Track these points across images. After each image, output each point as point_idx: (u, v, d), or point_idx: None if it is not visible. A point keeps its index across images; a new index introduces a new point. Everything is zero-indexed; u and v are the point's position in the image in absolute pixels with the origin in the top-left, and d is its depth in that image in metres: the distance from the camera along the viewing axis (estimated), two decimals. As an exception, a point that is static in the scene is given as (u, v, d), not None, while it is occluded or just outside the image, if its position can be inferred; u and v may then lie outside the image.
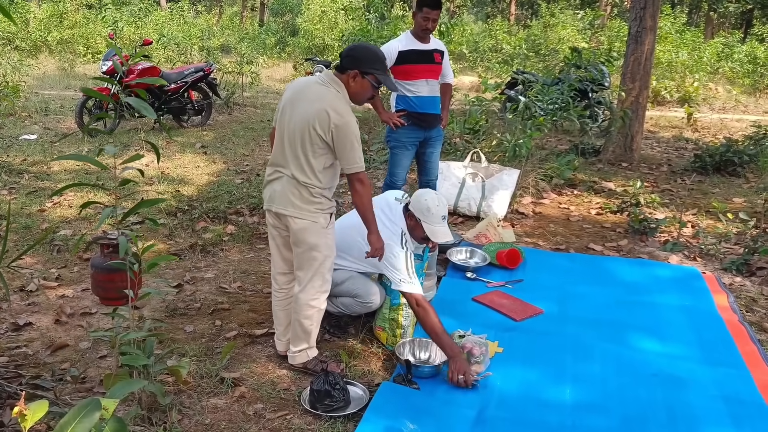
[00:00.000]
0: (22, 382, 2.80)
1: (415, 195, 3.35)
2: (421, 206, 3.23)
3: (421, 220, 3.22)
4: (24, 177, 6.24)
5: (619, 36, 16.48)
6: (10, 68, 10.68)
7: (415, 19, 4.33)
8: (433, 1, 4.21)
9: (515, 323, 3.64)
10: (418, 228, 3.25)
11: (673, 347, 3.43)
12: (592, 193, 6.47)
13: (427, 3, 4.21)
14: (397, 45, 4.34)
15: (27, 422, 1.48)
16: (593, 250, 4.92)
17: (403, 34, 4.47)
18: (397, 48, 4.31)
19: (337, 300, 3.36)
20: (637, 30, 7.48)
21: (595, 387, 3.03)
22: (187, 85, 8.87)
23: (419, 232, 3.26)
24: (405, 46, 4.33)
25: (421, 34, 4.36)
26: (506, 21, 24.60)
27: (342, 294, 3.33)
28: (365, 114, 10.11)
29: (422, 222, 3.22)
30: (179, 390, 2.87)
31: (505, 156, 6.10)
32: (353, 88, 2.86)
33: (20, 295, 3.81)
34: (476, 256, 4.49)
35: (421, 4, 4.22)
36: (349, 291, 3.30)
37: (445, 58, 4.56)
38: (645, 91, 7.70)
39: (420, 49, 4.37)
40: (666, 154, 8.53)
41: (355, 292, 3.29)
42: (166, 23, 18.94)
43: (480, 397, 2.93)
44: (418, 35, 4.37)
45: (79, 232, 4.83)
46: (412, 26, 4.44)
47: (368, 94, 2.93)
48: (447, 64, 4.62)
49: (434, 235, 3.23)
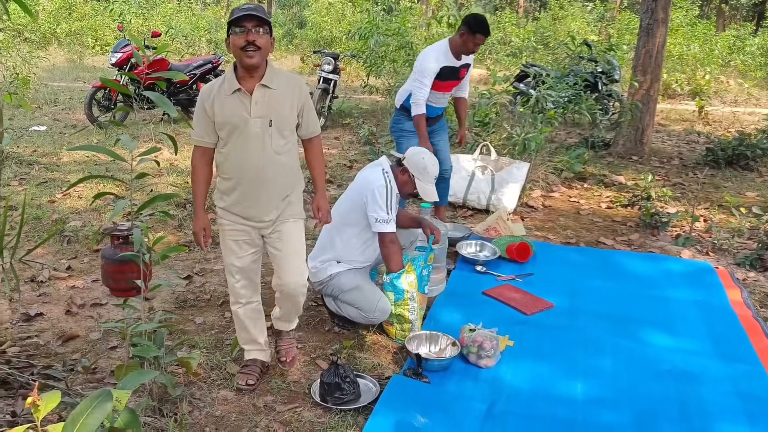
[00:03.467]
0: (34, 372, 2.81)
1: (410, 151, 3.43)
2: (419, 164, 3.34)
3: (416, 177, 3.33)
4: (34, 168, 6.25)
5: (629, 28, 16.34)
6: (20, 60, 10.69)
7: (463, 39, 4.24)
8: (488, 29, 4.21)
9: (526, 317, 3.62)
10: (409, 184, 3.36)
11: (685, 342, 3.40)
12: (602, 186, 6.43)
13: (482, 30, 4.19)
14: (436, 65, 4.29)
15: (40, 413, 1.48)
16: (604, 244, 4.89)
17: (442, 47, 4.34)
18: (437, 70, 4.29)
19: (342, 304, 3.35)
20: (648, 22, 7.41)
21: (606, 382, 3.01)
22: (196, 77, 8.86)
23: (409, 188, 3.37)
24: (443, 62, 4.31)
25: (462, 54, 4.36)
26: (515, 13, 24.46)
27: (347, 301, 3.31)
28: (373, 106, 10.09)
29: (416, 179, 3.34)
30: (189, 381, 2.87)
31: (515, 150, 6.07)
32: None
33: (31, 286, 3.81)
34: (486, 249, 4.47)
35: (475, 29, 4.17)
36: (354, 301, 3.28)
37: (468, 72, 4.58)
38: (656, 84, 7.63)
39: (453, 66, 4.38)
40: (677, 147, 8.47)
41: (359, 304, 3.27)
42: (174, 15, 18.93)
43: (491, 391, 2.91)
44: (457, 53, 4.34)
45: (90, 223, 4.83)
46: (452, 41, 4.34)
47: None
48: (467, 78, 4.64)
49: (425, 194, 3.36)
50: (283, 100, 2.64)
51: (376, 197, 3.21)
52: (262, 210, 2.72)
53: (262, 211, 2.72)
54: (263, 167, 2.64)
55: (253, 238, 2.78)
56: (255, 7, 2.50)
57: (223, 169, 2.71)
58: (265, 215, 2.73)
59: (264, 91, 2.60)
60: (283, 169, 2.71)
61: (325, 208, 2.87)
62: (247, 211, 2.72)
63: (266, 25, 2.52)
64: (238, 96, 2.59)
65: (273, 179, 2.68)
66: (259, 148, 2.62)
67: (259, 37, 2.49)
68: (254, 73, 2.57)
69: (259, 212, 2.72)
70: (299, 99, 2.70)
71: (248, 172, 2.65)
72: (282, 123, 2.64)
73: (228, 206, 2.74)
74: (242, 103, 2.59)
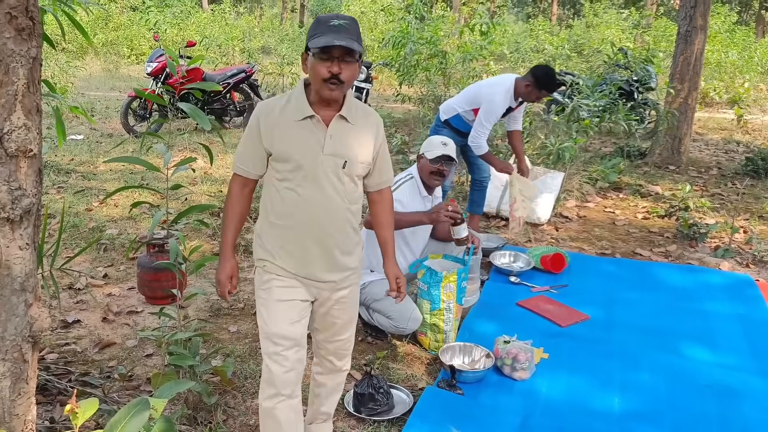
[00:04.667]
0: (72, 379, 2.85)
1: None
2: (425, 144, 3.53)
3: (425, 153, 3.45)
4: (71, 176, 6.37)
5: (665, 35, 16.10)
6: (58, 69, 10.95)
7: (527, 90, 4.29)
8: (555, 87, 4.28)
9: (560, 329, 3.56)
10: (425, 164, 3.44)
11: (726, 357, 3.31)
12: (638, 196, 6.32)
13: (549, 89, 4.27)
14: (503, 110, 4.38)
15: (78, 420, 1.50)
16: (640, 255, 4.80)
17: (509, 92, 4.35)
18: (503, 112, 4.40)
19: (374, 313, 3.34)
20: (686, 29, 7.29)
21: (644, 396, 2.95)
22: (230, 86, 8.96)
23: (427, 167, 3.44)
24: (507, 105, 4.38)
25: (523, 99, 4.43)
26: (548, 21, 24.31)
27: (378, 310, 3.30)
28: (405, 115, 10.09)
29: (425, 153, 3.44)
30: (224, 390, 2.88)
31: (549, 159, 6.00)
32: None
33: (69, 293, 3.88)
34: (520, 260, 4.42)
35: (542, 86, 4.24)
36: (385, 311, 3.27)
37: (522, 106, 4.61)
38: (694, 92, 7.49)
39: (511, 106, 4.45)
40: (715, 157, 8.29)
41: (391, 314, 3.25)
42: (208, 25, 19.22)
43: (525, 403, 2.87)
44: (518, 96, 4.38)
45: (126, 231, 4.91)
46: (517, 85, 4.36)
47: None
48: (521, 111, 4.68)
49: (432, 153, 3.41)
50: (361, 138, 2.14)
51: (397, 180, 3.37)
52: (325, 268, 2.17)
53: (324, 270, 2.18)
54: (332, 216, 2.12)
55: (307, 298, 2.22)
56: (347, 26, 1.98)
57: (275, 211, 2.14)
58: (328, 275, 2.19)
59: (342, 125, 2.10)
60: (352, 221, 2.19)
61: (402, 279, 2.38)
62: (303, 268, 2.16)
63: (357, 53, 2.01)
64: (310, 124, 2.07)
65: (341, 232, 2.16)
66: (328, 192, 2.09)
67: (347, 69, 1.99)
68: (329, 101, 2.08)
69: (320, 271, 2.17)
70: (377, 140, 2.19)
71: (313, 220, 2.11)
72: (356, 167, 2.13)
73: (277, 259, 2.16)
74: (314, 134, 2.07)
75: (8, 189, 1.72)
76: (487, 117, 4.32)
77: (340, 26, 1.96)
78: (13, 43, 1.67)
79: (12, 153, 1.71)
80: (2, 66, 1.66)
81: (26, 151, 1.74)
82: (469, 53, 8.68)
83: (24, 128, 1.72)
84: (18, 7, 1.66)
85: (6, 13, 1.64)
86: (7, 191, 1.72)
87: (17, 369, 1.82)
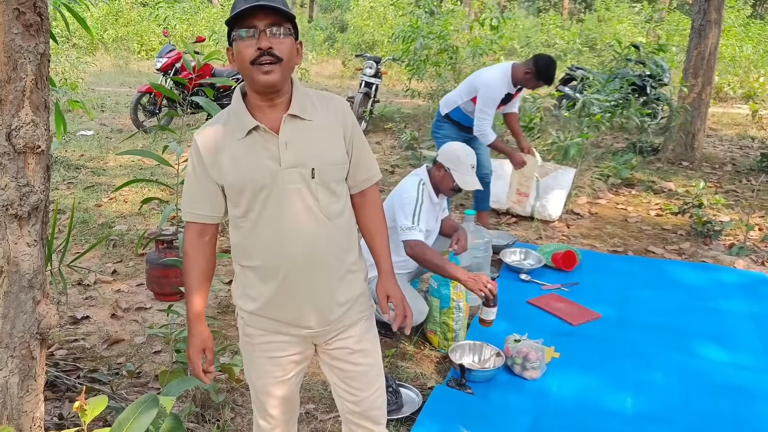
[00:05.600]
0: (80, 375, 2.85)
1: (442, 147, 3.40)
2: (451, 156, 3.27)
3: (451, 170, 3.25)
4: (81, 172, 6.39)
5: (678, 29, 15.95)
6: (69, 65, 10.99)
7: (526, 78, 4.28)
8: (553, 79, 4.29)
9: (572, 328, 3.53)
10: (447, 179, 3.27)
11: (740, 357, 3.26)
12: (651, 193, 6.25)
13: (547, 81, 4.27)
14: (500, 96, 4.35)
15: (87, 417, 1.49)
16: (653, 252, 4.75)
17: (506, 77, 4.33)
18: (500, 99, 4.37)
19: (379, 307, 3.30)
20: (700, 23, 7.20)
21: (657, 396, 2.91)
22: (239, 81, 8.95)
23: (448, 183, 3.28)
24: (505, 91, 4.36)
25: (522, 86, 4.42)
26: (559, 15, 24.15)
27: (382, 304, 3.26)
28: (415, 110, 10.04)
29: (452, 171, 3.25)
30: (232, 387, 2.87)
31: (559, 155, 5.95)
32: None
33: (78, 289, 3.88)
34: (530, 257, 4.39)
35: (540, 77, 4.24)
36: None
37: (520, 95, 4.62)
38: (708, 87, 7.40)
39: (510, 93, 4.42)
40: (730, 152, 8.20)
41: None
42: (217, 20, 19.21)
43: (536, 403, 2.84)
44: (516, 83, 4.37)
45: (135, 227, 4.91)
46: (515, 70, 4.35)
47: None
48: (519, 97, 4.68)
49: (464, 184, 3.26)
50: (324, 134, 1.73)
51: (405, 206, 3.16)
52: (316, 308, 1.77)
53: (315, 311, 1.77)
54: (312, 241, 1.71)
55: (302, 351, 1.85)
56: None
57: (244, 253, 1.76)
58: (322, 315, 1.78)
59: (295, 126, 1.69)
60: (341, 241, 1.77)
61: (398, 296, 1.92)
62: (289, 313, 1.77)
63: (288, 22, 1.63)
64: (256, 138, 1.68)
65: (328, 257, 1.75)
66: (301, 214, 1.69)
67: (279, 42, 1.60)
68: (274, 98, 1.68)
69: (312, 312, 1.77)
70: (346, 129, 1.77)
71: (289, 253, 1.70)
72: (328, 171, 1.71)
73: (258, 308, 1.78)
74: (265, 147, 1.67)
75: (16, 185, 1.71)
76: (486, 102, 4.29)
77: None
78: (21, 39, 1.66)
79: (20, 149, 1.70)
80: (10, 62, 1.65)
81: (34, 147, 1.72)
82: (479, 48, 8.64)
83: (32, 124, 1.71)
84: (26, 3, 1.65)
85: (14, 9, 1.63)
86: (15, 188, 1.71)
87: (25, 366, 1.82)
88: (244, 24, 1.59)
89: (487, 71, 4.49)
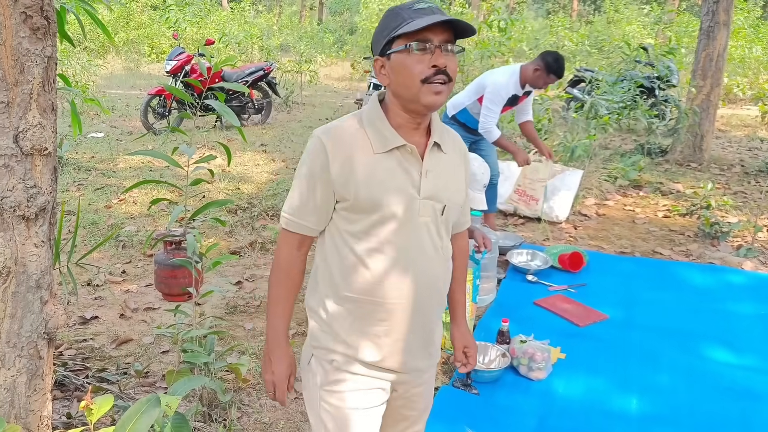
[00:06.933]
0: (89, 375, 2.87)
1: None
2: None
3: None
4: (91, 174, 6.44)
5: (687, 31, 15.88)
6: (80, 68, 11.08)
7: (536, 75, 4.30)
8: (563, 72, 4.29)
9: (578, 329, 3.52)
10: None
11: (748, 359, 3.25)
12: (658, 194, 6.23)
13: (558, 73, 4.28)
14: (507, 95, 4.36)
15: (93, 416, 1.51)
16: (660, 254, 4.73)
17: (513, 77, 4.36)
18: (507, 98, 4.37)
19: None
20: (709, 25, 7.18)
21: (663, 399, 2.90)
22: (248, 84, 8.99)
23: None
24: (512, 91, 4.37)
25: (529, 86, 4.43)
26: (568, 17, 24.11)
27: None
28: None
29: None
30: (239, 387, 2.89)
31: (565, 156, 5.94)
32: None
33: (87, 290, 3.91)
34: (537, 258, 4.38)
35: (551, 71, 4.25)
36: None
37: (529, 98, 4.63)
38: (717, 89, 7.38)
39: (517, 94, 4.44)
40: (738, 154, 8.16)
41: None
42: (227, 23, 19.32)
43: (542, 404, 2.84)
44: (524, 83, 4.39)
45: (144, 228, 4.94)
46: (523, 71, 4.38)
47: None
48: (530, 101, 4.69)
49: (472, 202, 3.22)
50: (454, 172, 1.58)
51: None
52: (422, 354, 1.61)
53: (420, 357, 1.61)
54: (435, 282, 1.56)
55: (386, 398, 1.65)
56: (438, 9, 1.44)
57: (352, 283, 1.51)
58: (422, 361, 1.62)
59: (436, 156, 1.53)
60: (447, 285, 1.65)
61: (475, 348, 1.83)
62: (394, 359, 1.56)
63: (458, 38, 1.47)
64: (399, 158, 1.48)
65: (442, 300, 1.63)
66: (429, 251, 1.53)
67: (451, 60, 1.43)
68: (422, 121, 1.50)
69: (417, 359, 1.60)
70: (466, 172, 1.65)
71: (414, 291, 1.51)
72: (453, 210, 1.58)
73: (357, 350, 1.54)
74: (406, 171, 1.48)
75: (24, 187, 1.73)
76: (493, 99, 4.31)
77: (432, 8, 1.42)
78: (28, 43, 1.68)
79: (27, 151, 1.72)
80: (18, 65, 1.67)
81: (41, 149, 1.75)
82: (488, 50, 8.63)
83: (39, 127, 1.73)
84: (33, 7, 1.67)
85: (21, 12, 1.65)
86: (23, 189, 1.73)
87: (33, 365, 1.84)
88: (416, 36, 1.41)
89: (496, 72, 4.52)
